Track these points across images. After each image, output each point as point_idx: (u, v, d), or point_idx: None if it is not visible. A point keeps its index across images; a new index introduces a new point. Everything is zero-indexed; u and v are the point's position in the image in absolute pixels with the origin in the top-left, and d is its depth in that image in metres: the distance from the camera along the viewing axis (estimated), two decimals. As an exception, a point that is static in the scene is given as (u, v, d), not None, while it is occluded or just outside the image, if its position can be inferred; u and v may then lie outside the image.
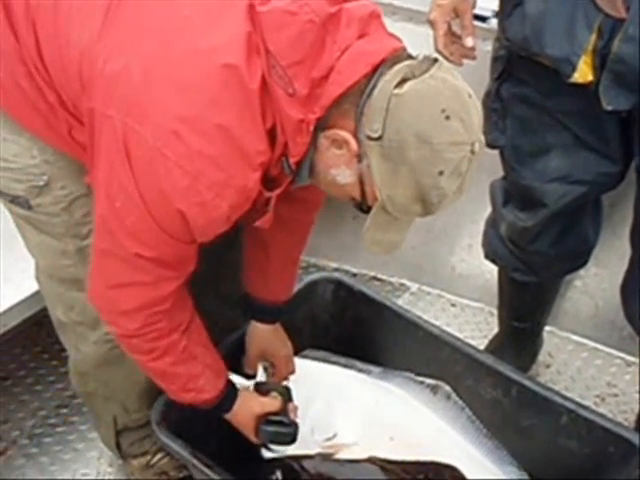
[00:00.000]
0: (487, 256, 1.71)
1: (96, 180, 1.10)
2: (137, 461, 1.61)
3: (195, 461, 1.31)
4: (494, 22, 1.61)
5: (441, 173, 0.98)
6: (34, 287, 1.57)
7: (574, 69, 1.28)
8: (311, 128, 1.02)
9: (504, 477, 1.46)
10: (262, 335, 1.43)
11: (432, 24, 1.35)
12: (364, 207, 1.07)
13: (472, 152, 0.99)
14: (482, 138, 1.01)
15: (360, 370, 1.56)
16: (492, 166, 1.54)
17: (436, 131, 0.98)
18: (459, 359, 1.50)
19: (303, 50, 1.00)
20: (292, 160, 1.06)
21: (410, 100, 0.98)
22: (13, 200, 1.26)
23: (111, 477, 1.67)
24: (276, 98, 1.01)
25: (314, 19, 0.99)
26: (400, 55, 1.02)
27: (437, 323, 1.65)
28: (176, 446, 1.33)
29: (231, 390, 1.33)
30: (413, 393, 1.54)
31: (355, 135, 1.01)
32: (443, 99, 0.98)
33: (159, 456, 1.60)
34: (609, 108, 1.30)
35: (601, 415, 1.42)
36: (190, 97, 1.01)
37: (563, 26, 1.27)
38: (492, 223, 1.65)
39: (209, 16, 1.02)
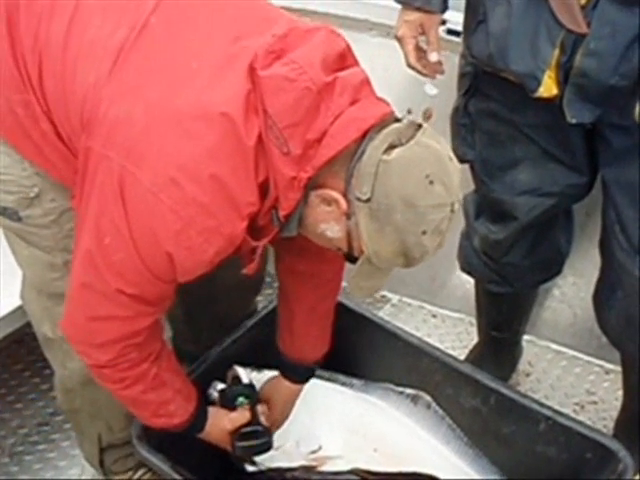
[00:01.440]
0: (463, 268, 1.73)
1: (84, 214, 1.13)
2: (119, 477, 1.61)
3: (176, 475, 1.31)
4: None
5: (424, 232, 1.05)
6: (14, 304, 1.57)
7: (539, 84, 1.30)
8: (302, 185, 1.08)
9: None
10: (277, 389, 1.45)
11: (400, 40, 1.37)
12: (351, 257, 1.13)
13: (452, 211, 1.07)
14: (460, 197, 1.09)
15: (343, 383, 1.57)
16: (466, 180, 1.56)
17: (421, 195, 1.05)
18: (438, 368, 1.51)
19: (299, 114, 1.05)
20: (282, 213, 1.11)
21: (397, 166, 1.05)
22: (3, 212, 1.28)
23: (92, 494, 1.67)
24: (271, 155, 1.06)
25: (311, 87, 1.05)
26: (388, 120, 1.08)
27: (418, 334, 1.66)
28: (156, 460, 1.33)
29: (201, 412, 1.34)
30: (394, 404, 1.55)
31: (344, 195, 1.07)
32: (427, 165, 1.05)
33: (141, 472, 1.60)
34: (573, 121, 1.32)
35: (578, 422, 1.43)
36: (189, 146, 1.05)
37: (526, 42, 1.30)
38: (466, 236, 1.68)
39: (213, 71, 1.07)
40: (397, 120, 1.09)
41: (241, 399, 1.40)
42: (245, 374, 1.45)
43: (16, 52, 1.15)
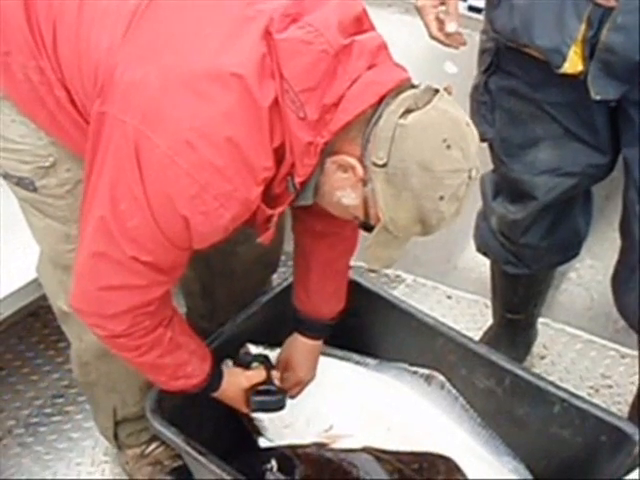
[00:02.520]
0: (479, 249, 1.71)
1: (97, 181, 1.12)
2: (132, 451, 1.62)
3: (188, 448, 1.32)
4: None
5: (441, 198, 1.05)
6: (29, 277, 1.58)
7: (564, 59, 1.29)
8: (318, 151, 1.07)
9: (501, 467, 1.46)
10: (296, 347, 1.45)
11: (420, 10, 1.35)
12: (367, 226, 1.13)
13: (469, 177, 1.06)
14: (479, 165, 1.07)
15: (357, 362, 1.57)
16: (484, 159, 1.54)
17: (437, 159, 1.04)
18: (453, 349, 1.50)
19: (316, 78, 1.05)
20: (297, 180, 1.10)
21: (414, 130, 1.04)
22: (19, 182, 1.28)
23: (106, 466, 1.68)
24: (287, 120, 1.06)
25: (328, 49, 1.05)
26: (405, 85, 1.08)
27: (432, 315, 1.65)
28: (170, 434, 1.33)
29: (217, 371, 1.35)
30: (408, 384, 1.54)
31: (361, 161, 1.07)
32: (444, 129, 1.05)
33: (154, 445, 1.61)
34: (597, 98, 1.30)
35: (594, 404, 1.42)
36: (204, 109, 1.04)
37: (552, 16, 1.28)
38: (483, 216, 1.66)
39: (228, 35, 1.07)
40: (413, 87, 1.08)
41: (256, 364, 1.41)
42: (258, 352, 1.45)
43: (31, 18, 1.15)
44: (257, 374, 1.38)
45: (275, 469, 1.43)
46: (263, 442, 1.45)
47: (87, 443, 1.72)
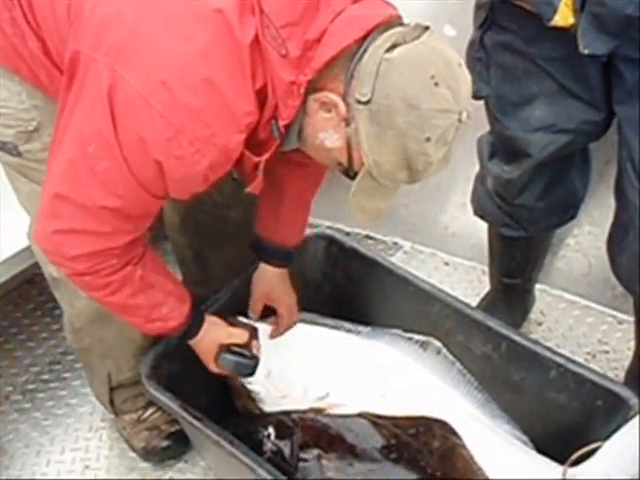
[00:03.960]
0: (476, 212, 1.70)
1: (67, 122, 1.08)
2: (128, 416, 1.63)
3: (184, 414, 1.32)
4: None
5: (428, 139, 1.00)
6: (23, 243, 1.57)
7: (555, 11, 1.26)
8: (302, 91, 1.03)
9: (497, 430, 1.47)
10: (269, 279, 1.43)
11: None
12: (350, 173, 1.08)
13: (459, 121, 1.01)
14: (470, 108, 1.02)
15: (349, 330, 1.56)
16: (481, 119, 1.52)
17: (424, 97, 0.99)
18: (449, 315, 1.50)
19: (298, 12, 1.01)
20: (282, 123, 1.06)
21: (400, 65, 1.00)
22: (2, 147, 1.26)
23: (103, 432, 1.69)
24: (268, 59, 1.02)
25: None
26: (393, 22, 1.03)
27: (429, 281, 1.64)
28: (165, 399, 1.34)
29: (197, 315, 1.32)
30: (403, 350, 1.54)
31: (344, 99, 1.03)
32: (433, 65, 1.00)
33: (150, 411, 1.62)
34: (586, 52, 1.28)
35: (589, 369, 1.42)
36: (180, 47, 1.00)
37: None
38: (480, 179, 1.65)
39: None
40: (402, 25, 1.04)
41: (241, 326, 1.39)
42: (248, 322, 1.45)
43: None
44: (240, 333, 1.35)
45: (273, 436, 1.43)
46: (250, 385, 1.44)
47: (85, 409, 1.73)
